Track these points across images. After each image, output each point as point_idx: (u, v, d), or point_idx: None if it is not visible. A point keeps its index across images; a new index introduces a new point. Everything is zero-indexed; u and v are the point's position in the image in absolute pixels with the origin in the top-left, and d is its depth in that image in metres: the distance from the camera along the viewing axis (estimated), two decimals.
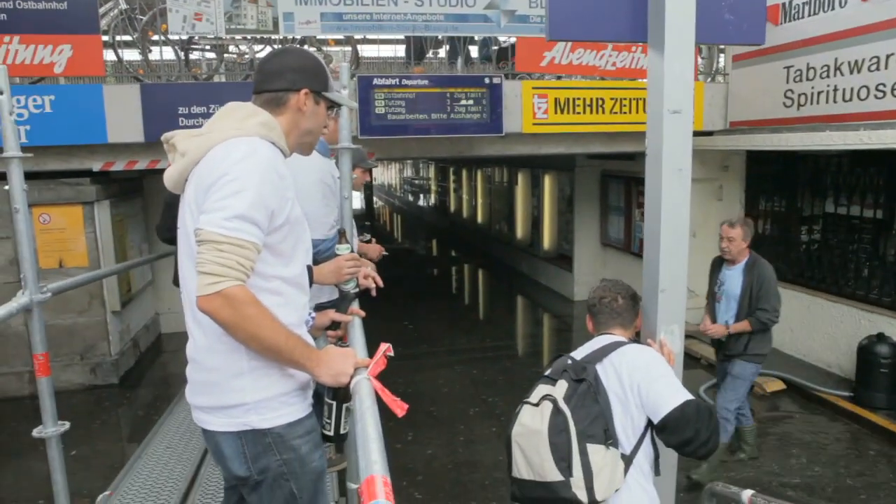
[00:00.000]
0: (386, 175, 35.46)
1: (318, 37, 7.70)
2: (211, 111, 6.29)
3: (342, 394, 1.69)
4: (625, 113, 7.31)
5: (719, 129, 7.85)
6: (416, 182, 26.96)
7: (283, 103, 1.77)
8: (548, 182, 11.96)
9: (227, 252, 1.49)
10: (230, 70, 8.66)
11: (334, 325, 2.14)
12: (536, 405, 2.05)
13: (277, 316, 1.59)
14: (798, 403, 6.31)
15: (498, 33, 8.07)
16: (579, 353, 2.20)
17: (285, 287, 1.71)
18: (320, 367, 1.64)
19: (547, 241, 12.18)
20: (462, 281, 14.67)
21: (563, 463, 1.93)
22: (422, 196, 25.78)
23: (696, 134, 7.72)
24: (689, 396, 1.94)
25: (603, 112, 7.28)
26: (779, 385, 6.54)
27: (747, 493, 2.17)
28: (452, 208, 20.09)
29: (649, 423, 2.00)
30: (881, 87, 5.90)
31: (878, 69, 5.94)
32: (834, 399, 6.14)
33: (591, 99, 7.30)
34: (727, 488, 2.29)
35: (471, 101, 7.00)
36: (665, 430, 1.92)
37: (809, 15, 6.72)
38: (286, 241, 1.69)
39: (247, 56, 8.16)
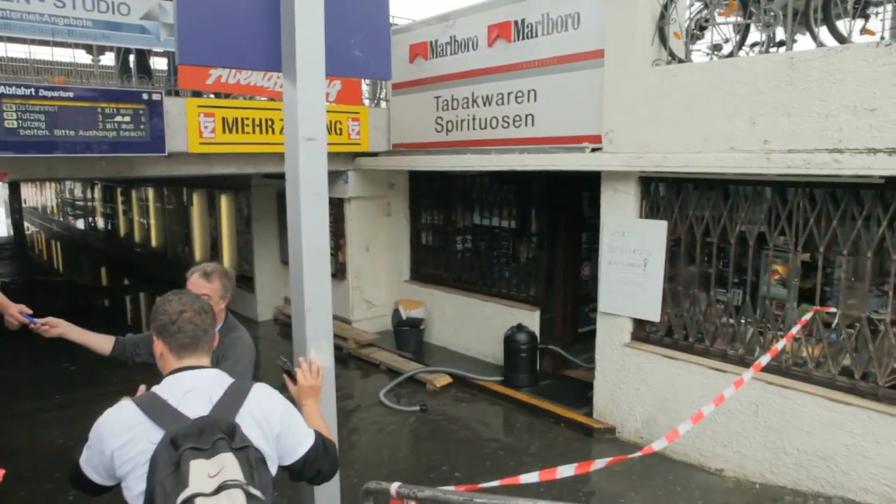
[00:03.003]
0: (40, 197, 30.52)
1: None
2: None
3: None
4: None
5: (383, 151, 8.49)
6: (80, 204, 23.73)
7: None
8: (224, 202, 11.59)
9: None
10: None
11: None
12: (214, 494, 1.57)
13: None
14: (463, 393, 7.13)
15: (157, 46, 7.58)
16: (190, 404, 1.77)
17: None
18: None
19: (227, 263, 11.75)
20: (138, 311, 13.33)
21: None
22: (87, 220, 22.80)
23: (363, 155, 8.28)
24: (314, 432, 2.01)
25: (273, 132, 7.31)
26: (446, 379, 7.31)
27: (394, 486, 2.39)
28: (123, 232, 18.17)
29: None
30: (506, 119, 7.03)
31: (503, 104, 7.07)
32: (490, 385, 7.08)
33: (261, 119, 7.30)
34: (379, 485, 2.50)
35: (127, 118, 6.43)
36: (296, 467, 1.95)
37: (451, 54, 7.69)
38: None
39: None
